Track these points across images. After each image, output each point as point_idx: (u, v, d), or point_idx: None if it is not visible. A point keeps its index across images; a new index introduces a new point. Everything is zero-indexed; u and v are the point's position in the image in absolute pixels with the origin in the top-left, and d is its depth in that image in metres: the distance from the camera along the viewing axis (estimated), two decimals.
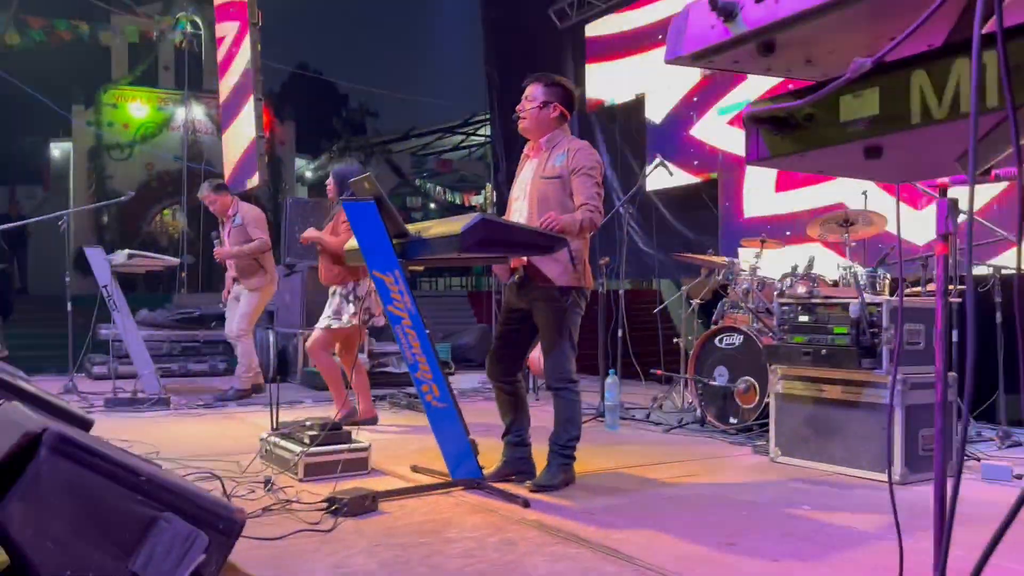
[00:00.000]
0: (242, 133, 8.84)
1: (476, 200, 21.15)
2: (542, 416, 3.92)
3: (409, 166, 20.18)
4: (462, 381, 7.88)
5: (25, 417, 2.21)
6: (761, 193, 7.11)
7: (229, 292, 6.61)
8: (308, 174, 20.00)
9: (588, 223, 3.35)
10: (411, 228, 3.31)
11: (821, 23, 1.08)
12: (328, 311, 5.11)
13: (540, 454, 3.67)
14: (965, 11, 1.05)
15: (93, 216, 16.65)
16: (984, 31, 0.98)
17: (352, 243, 3.66)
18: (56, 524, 1.98)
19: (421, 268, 11.56)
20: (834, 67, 1.27)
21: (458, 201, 22.03)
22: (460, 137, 19.48)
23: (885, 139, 1.13)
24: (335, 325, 5.04)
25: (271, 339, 7.79)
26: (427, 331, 3.30)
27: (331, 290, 5.18)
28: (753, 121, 1.25)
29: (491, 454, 3.81)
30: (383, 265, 3.28)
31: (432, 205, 22.57)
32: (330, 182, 5.30)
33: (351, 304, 5.04)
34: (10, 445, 1.97)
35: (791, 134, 1.21)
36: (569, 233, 3.27)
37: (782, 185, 6.83)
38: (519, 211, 3.58)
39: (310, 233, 5.15)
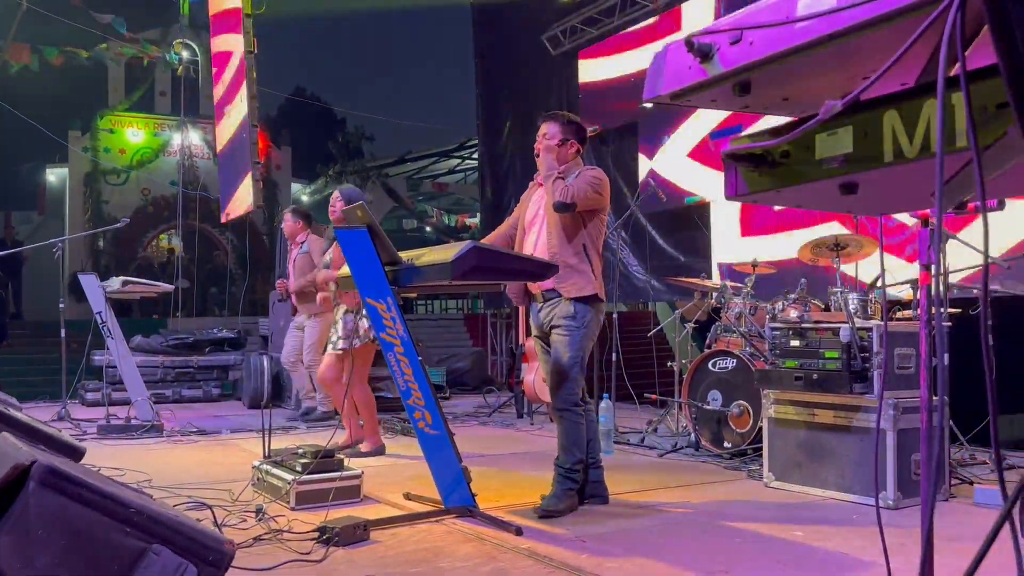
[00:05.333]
0: (237, 159, 8.88)
1: (472, 222, 21.24)
2: (537, 441, 3.93)
3: (405, 189, 20.25)
4: (458, 406, 7.87)
5: (14, 448, 2.21)
6: (757, 217, 7.15)
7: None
8: (304, 198, 20.06)
9: (575, 188, 3.47)
10: (403, 255, 3.33)
11: (795, 64, 1.10)
12: (340, 331, 4.91)
13: (540, 479, 3.68)
14: (936, 51, 1.07)
15: (89, 241, 16.67)
16: (952, 74, 1.00)
17: (346, 269, 3.67)
18: (45, 557, 1.98)
19: (415, 295, 11.61)
20: (811, 104, 1.29)
21: (453, 224, 22.11)
22: (455, 160, 19.58)
23: (859, 176, 1.16)
24: (358, 344, 4.87)
25: (266, 364, 7.77)
26: (420, 358, 3.31)
27: (337, 312, 5.08)
28: (732, 158, 1.27)
29: (486, 481, 3.81)
30: (376, 292, 3.30)
31: (428, 228, 22.64)
32: (336, 203, 5.04)
33: (365, 319, 4.84)
34: None
35: (768, 171, 1.23)
36: (554, 174, 3.45)
37: (775, 215, 6.87)
38: (535, 235, 3.68)
39: (327, 275, 5.12)
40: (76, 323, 7.04)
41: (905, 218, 5.56)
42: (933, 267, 1.76)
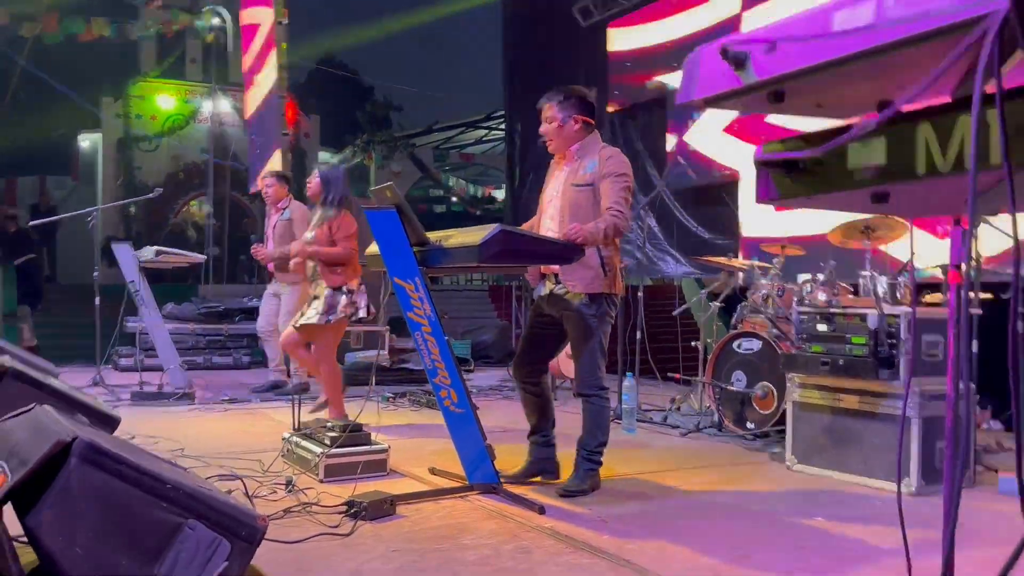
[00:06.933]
0: (267, 130, 8.94)
1: (498, 194, 21.21)
2: (561, 418, 3.97)
3: (432, 160, 20.23)
4: (482, 379, 7.94)
5: (55, 423, 2.29)
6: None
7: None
8: None
9: (612, 230, 3.37)
10: (432, 236, 3.35)
11: (830, 75, 1.10)
12: (319, 307, 4.81)
13: (565, 456, 3.72)
14: (972, 67, 1.07)
15: (121, 207, 16.87)
16: (987, 90, 1.00)
17: (374, 248, 3.70)
18: (84, 530, 2.05)
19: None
20: (845, 111, 1.29)
21: (480, 195, 22.09)
22: (483, 131, 19.50)
23: (892, 187, 1.16)
24: (332, 320, 4.78)
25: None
26: (446, 337, 3.35)
27: (316, 288, 4.95)
28: (763, 164, 1.28)
29: (510, 457, 3.86)
30: (404, 272, 3.33)
31: (454, 199, 22.62)
32: (313, 180, 5.04)
33: (344, 296, 4.84)
34: (41, 453, 2.04)
35: (800, 178, 1.24)
36: (593, 243, 3.30)
37: None
38: (551, 217, 3.62)
39: (300, 248, 4.89)
40: (110, 287, 7.13)
41: None
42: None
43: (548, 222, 3.62)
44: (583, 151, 3.58)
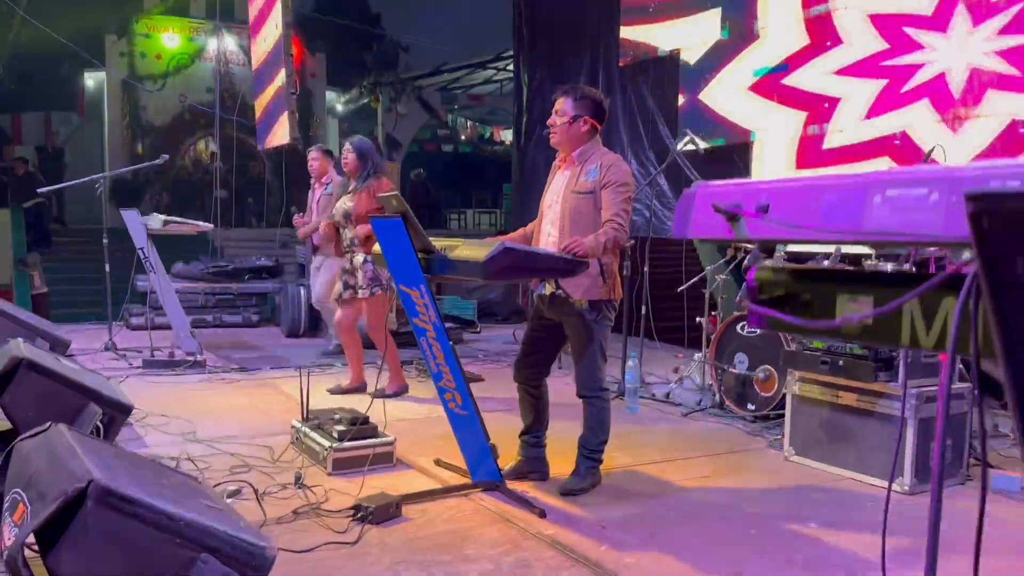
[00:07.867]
0: (274, 86, 8.85)
1: (506, 135, 21.01)
2: (565, 390, 4.04)
3: (439, 101, 19.98)
4: (488, 341, 8.02)
5: (71, 454, 2.37)
6: (811, 152, 7.01)
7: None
8: (339, 107, 19.91)
9: (612, 243, 3.39)
10: (437, 244, 3.37)
11: (818, 241, 1.12)
12: (362, 280, 5.27)
13: (565, 441, 3.82)
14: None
15: (128, 149, 16.83)
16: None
17: (378, 248, 3.73)
18: (102, 568, 2.16)
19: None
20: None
21: (488, 135, 21.88)
22: (491, 72, 19.20)
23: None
24: (379, 292, 5.28)
25: (302, 295, 7.96)
26: (451, 343, 3.40)
27: (352, 261, 5.35)
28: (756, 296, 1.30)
29: (508, 438, 3.89)
30: (409, 280, 3.37)
31: (463, 137, 22.40)
32: (349, 155, 5.38)
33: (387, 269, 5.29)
34: (57, 496, 2.13)
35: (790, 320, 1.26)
36: (593, 256, 3.32)
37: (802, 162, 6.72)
38: (552, 223, 3.64)
39: (364, 230, 5.25)
40: (121, 232, 7.12)
41: None
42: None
43: (548, 227, 3.64)
44: (584, 156, 3.58)
